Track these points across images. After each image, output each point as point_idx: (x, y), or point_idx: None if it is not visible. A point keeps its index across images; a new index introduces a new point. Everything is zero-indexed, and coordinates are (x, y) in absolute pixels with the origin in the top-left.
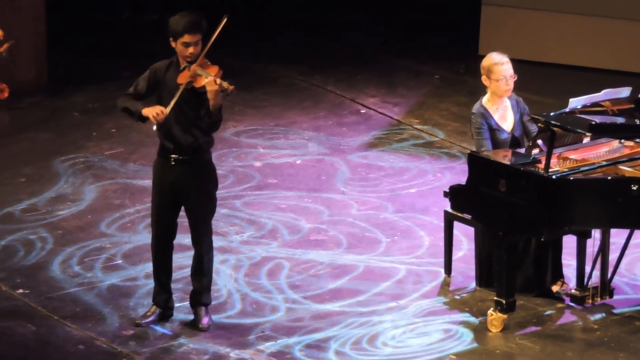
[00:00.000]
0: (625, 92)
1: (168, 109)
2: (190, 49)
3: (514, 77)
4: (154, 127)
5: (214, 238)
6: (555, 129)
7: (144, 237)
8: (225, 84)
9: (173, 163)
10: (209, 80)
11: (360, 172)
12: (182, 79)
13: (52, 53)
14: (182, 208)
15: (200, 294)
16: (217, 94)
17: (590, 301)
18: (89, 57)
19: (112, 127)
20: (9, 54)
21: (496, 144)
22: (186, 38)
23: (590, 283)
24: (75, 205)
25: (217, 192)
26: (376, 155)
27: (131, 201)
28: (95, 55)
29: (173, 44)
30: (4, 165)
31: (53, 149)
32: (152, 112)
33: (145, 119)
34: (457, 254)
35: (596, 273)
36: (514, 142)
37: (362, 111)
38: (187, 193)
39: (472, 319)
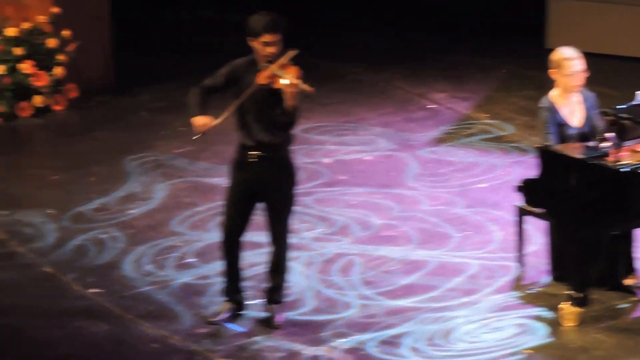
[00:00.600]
0: None
1: (217, 122)
2: (270, 49)
3: (586, 73)
4: (194, 137)
5: None
6: (624, 122)
7: (215, 235)
8: (304, 86)
9: (255, 160)
10: (288, 81)
11: (430, 168)
12: (261, 79)
13: (119, 52)
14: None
15: (276, 291)
16: (294, 95)
17: None
18: (155, 55)
19: (180, 126)
20: (76, 54)
21: (563, 139)
22: (266, 37)
23: None
24: (146, 204)
25: None
26: (445, 150)
27: (201, 199)
28: (161, 54)
29: (252, 43)
30: (74, 165)
31: (122, 148)
32: (199, 121)
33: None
34: (529, 248)
35: None
36: (583, 137)
37: (430, 106)
38: (267, 190)
39: (546, 314)
